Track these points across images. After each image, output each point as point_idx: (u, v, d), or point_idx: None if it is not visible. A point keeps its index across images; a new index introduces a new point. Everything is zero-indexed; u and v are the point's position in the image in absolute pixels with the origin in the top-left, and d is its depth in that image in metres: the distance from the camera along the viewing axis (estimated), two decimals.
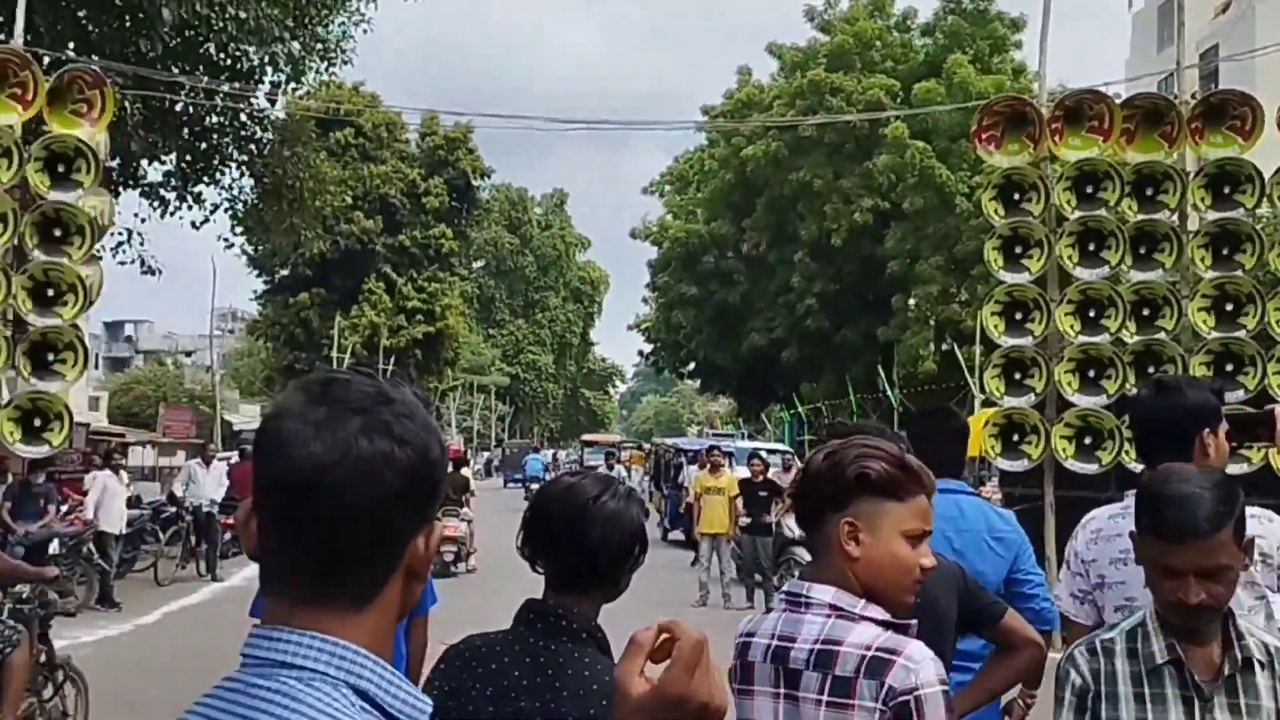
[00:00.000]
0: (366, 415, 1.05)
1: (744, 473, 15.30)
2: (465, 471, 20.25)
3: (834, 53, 34.47)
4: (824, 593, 1.98)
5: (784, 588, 2.11)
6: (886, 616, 1.95)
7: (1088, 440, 9.93)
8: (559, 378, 78.60)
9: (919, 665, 1.86)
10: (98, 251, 11.53)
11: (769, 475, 14.91)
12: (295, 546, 1.06)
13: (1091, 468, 9.84)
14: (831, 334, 35.43)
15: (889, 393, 31.42)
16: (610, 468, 20.47)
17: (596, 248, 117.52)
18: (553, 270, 77.43)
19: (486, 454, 63.81)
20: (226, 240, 23.49)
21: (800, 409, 37.56)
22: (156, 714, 8.09)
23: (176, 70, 16.40)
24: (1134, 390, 7.48)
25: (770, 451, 20.99)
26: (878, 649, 1.88)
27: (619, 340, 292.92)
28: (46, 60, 12.39)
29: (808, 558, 2.17)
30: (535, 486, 13.88)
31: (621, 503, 2.12)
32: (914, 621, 1.98)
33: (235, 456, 19.68)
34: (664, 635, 1.16)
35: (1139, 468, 3.34)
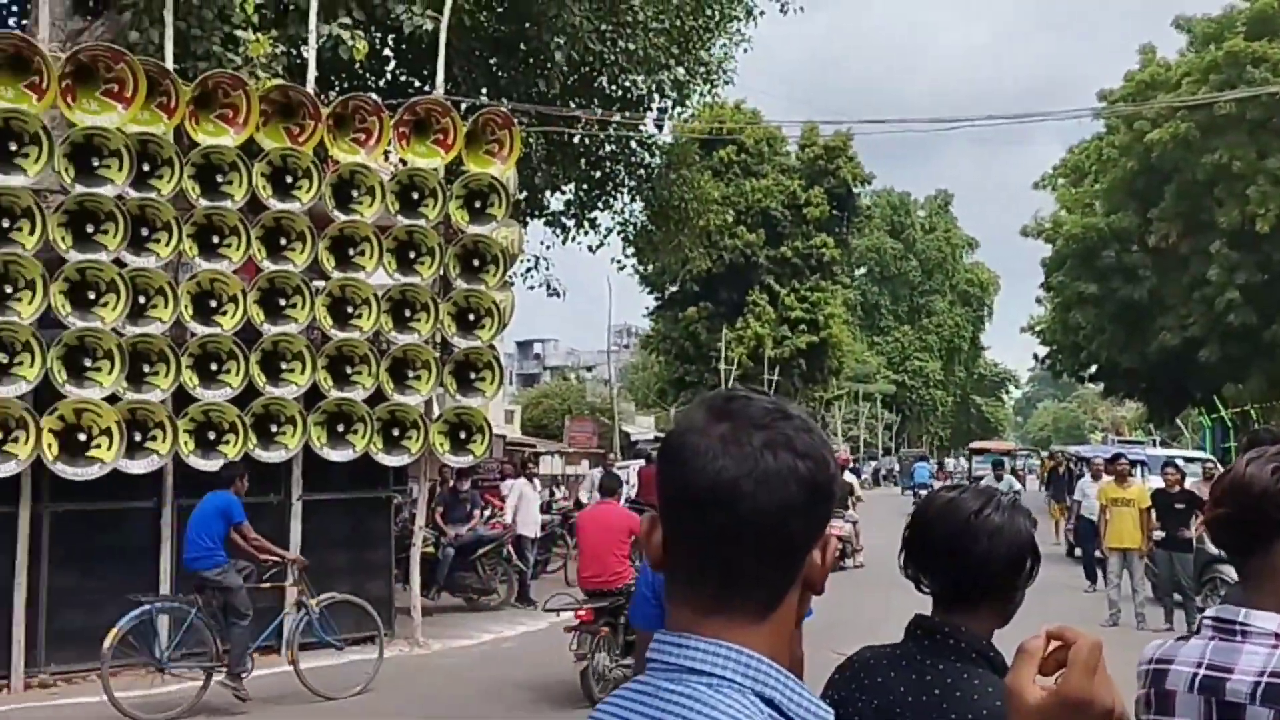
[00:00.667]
0: (769, 430, 1.07)
1: (1157, 483, 14.09)
2: (849, 476, 21.11)
3: (1256, 18, 31.72)
4: (1267, 620, 1.76)
5: (1209, 612, 1.91)
6: None
7: None
8: (947, 384, 76.27)
9: None
10: (509, 278, 12.67)
11: (1186, 485, 13.61)
12: (702, 557, 1.08)
13: None
14: (1259, 329, 32.43)
15: None
16: (998, 478, 19.55)
17: (985, 248, 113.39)
18: (938, 274, 75.28)
19: (874, 463, 63.07)
20: (619, 262, 24.98)
21: (1223, 413, 34.17)
22: (570, 700, 8.68)
23: (573, 105, 17.68)
24: None
25: (1187, 460, 19.15)
26: None
27: (1012, 344, 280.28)
28: (464, 106, 13.77)
29: (1235, 577, 1.94)
30: (923, 493, 13.53)
31: (1005, 515, 2.01)
32: None
33: (642, 462, 21.17)
34: (1054, 643, 1.11)
35: None
